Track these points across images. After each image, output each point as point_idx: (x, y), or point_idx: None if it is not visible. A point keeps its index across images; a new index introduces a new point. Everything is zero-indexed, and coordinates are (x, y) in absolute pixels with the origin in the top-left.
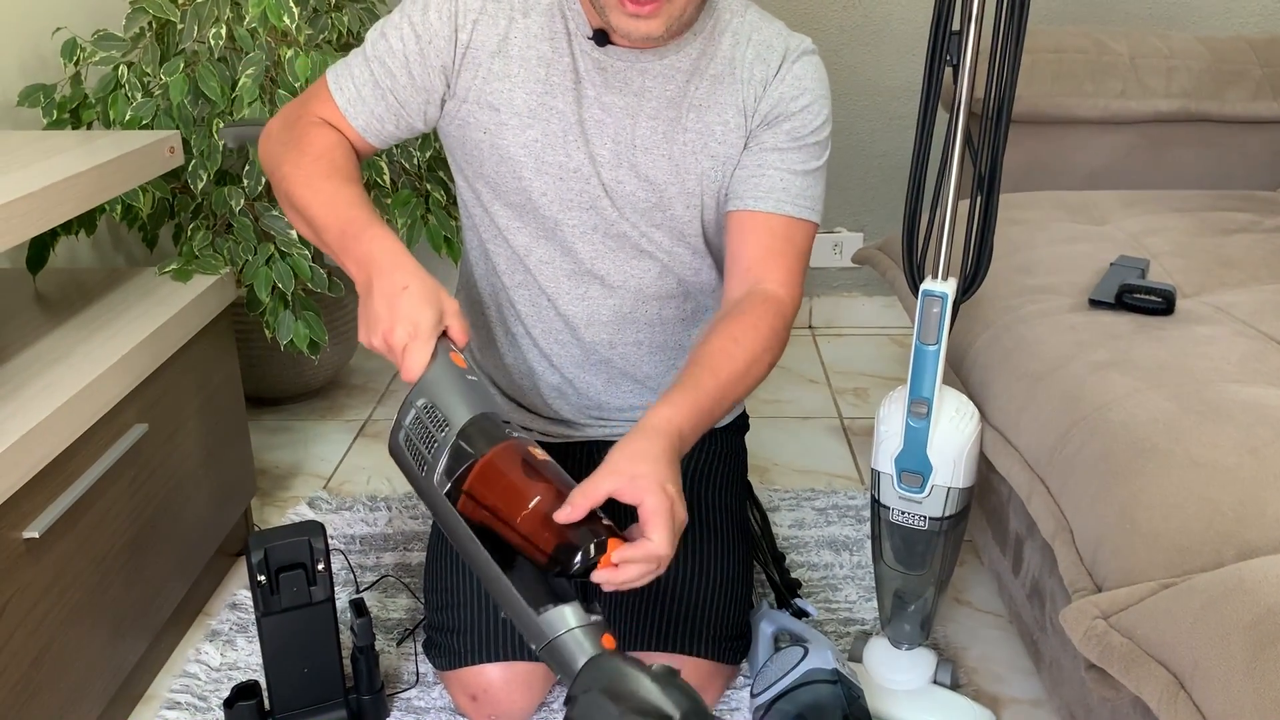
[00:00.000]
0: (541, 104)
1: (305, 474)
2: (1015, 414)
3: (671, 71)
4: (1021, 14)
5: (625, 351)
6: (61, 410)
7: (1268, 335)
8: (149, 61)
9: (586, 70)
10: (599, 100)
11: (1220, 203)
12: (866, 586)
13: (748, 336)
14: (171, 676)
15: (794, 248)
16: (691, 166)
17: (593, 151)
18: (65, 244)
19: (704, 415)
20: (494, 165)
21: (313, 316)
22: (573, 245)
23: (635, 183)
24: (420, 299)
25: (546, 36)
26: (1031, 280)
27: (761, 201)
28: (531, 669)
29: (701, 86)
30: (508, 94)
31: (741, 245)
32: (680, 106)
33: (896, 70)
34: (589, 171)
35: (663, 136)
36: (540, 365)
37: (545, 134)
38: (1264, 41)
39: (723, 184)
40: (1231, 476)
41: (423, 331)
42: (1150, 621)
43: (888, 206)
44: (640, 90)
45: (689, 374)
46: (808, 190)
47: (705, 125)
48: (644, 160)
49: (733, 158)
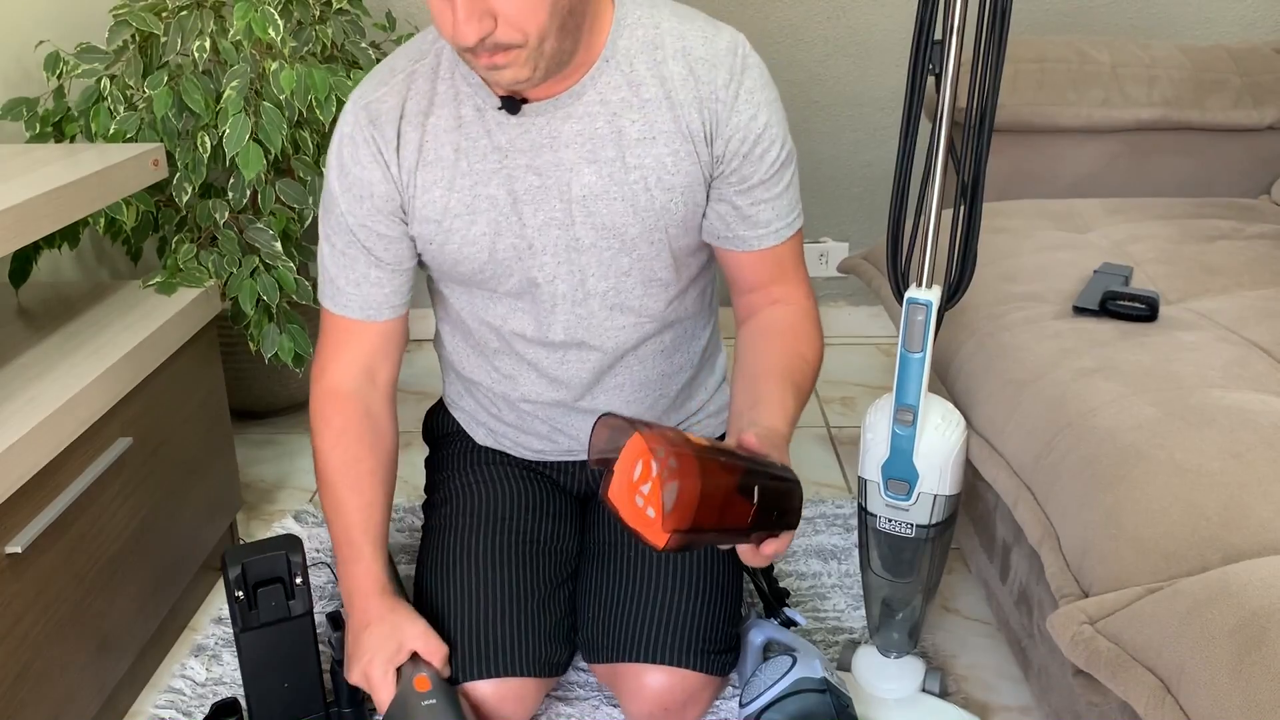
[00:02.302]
0: (475, 196)
1: (291, 487)
2: (1001, 421)
3: (597, 109)
4: (1003, 24)
5: (608, 395)
6: (45, 424)
7: (1250, 341)
8: (132, 74)
9: (510, 140)
10: (531, 166)
11: (1202, 210)
12: (854, 595)
13: (803, 356)
14: (157, 692)
15: (796, 257)
16: (648, 204)
17: (544, 220)
18: (48, 258)
19: (793, 422)
20: (451, 268)
21: (297, 329)
22: (547, 321)
23: (593, 234)
24: (379, 636)
25: (454, 126)
26: (1016, 288)
27: (764, 240)
28: (522, 684)
29: (637, 119)
30: (442, 201)
31: (754, 274)
32: (619, 145)
33: (880, 81)
34: (544, 244)
35: (609, 179)
36: (525, 407)
37: (491, 223)
38: (1243, 51)
39: (687, 213)
40: (1216, 481)
41: (377, 667)
42: (1137, 626)
43: (872, 216)
44: (570, 139)
45: (779, 390)
46: (794, 206)
47: (654, 158)
48: (597, 208)
49: (692, 187)
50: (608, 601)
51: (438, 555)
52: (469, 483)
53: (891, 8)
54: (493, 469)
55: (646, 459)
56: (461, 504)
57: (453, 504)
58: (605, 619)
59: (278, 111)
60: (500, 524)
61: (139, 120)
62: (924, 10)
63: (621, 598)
